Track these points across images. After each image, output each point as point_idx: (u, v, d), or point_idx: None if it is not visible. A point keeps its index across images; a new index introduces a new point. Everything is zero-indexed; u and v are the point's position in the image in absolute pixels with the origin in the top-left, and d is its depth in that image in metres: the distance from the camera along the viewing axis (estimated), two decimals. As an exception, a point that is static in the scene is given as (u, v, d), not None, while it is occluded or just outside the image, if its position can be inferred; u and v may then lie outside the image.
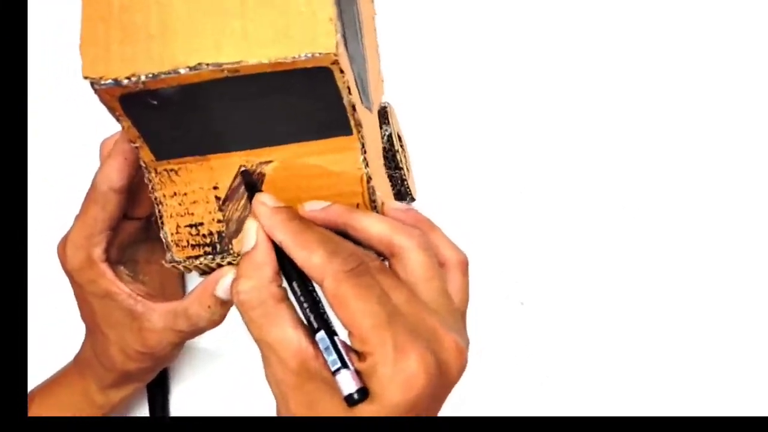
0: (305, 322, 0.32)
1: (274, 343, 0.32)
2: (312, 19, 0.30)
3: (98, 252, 0.40)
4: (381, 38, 0.44)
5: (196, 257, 0.37)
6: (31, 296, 0.49)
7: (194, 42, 0.30)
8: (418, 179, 0.49)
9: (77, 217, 0.40)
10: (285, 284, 0.33)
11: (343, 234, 0.34)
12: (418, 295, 0.32)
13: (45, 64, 0.54)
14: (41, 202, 0.53)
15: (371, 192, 0.35)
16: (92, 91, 0.31)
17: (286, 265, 0.33)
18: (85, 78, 0.30)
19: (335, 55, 0.29)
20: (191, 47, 0.30)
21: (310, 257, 0.31)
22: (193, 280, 0.40)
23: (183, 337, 0.40)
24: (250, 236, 0.33)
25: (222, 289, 0.37)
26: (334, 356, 0.30)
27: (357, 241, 0.34)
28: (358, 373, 0.30)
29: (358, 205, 0.35)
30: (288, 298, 0.33)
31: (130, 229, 0.41)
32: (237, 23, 0.30)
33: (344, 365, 0.30)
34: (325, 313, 0.32)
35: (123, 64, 0.30)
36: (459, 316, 0.34)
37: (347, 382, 0.30)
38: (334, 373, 0.30)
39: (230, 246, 0.36)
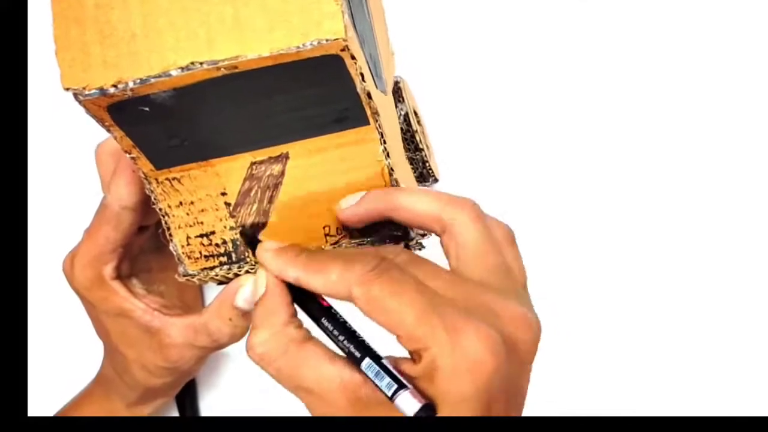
0: (343, 353, 0.29)
1: (313, 386, 0.29)
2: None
3: (109, 270, 0.37)
4: (386, 2, 0.40)
5: (211, 268, 0.34)
6: (31, 296, 0.48)
7: (183, 38, 0.27)
8: (438, 156, 0.45)
9: (86, 234, 0.37)
10: (308, 324, 0.31)
11: (386, 223, 0.31)
12: (470, 273, 0.29)
13: (46, 64, 0.51)
14: (41, 202, 0.51)
15: (395, 185, 0.31)
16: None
17: (309, 305, 0.30)
18: (67, 89, 0.27)
19: (344, 40, 0.26)
20: (181, 45, 0.26)
21: (328, 278, 0.28)
22: (213, 286, 0.38)
23: (205, 352, 0.38)
24: (260, 286, 0.31)
25: (242, 299, 0.35)
26: (388, 379, 0.27)
27: (400, 227, 0.31)
28: (418, 388, 0.27)
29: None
30: (312, 337, 0.30)
31: (140, 240, 0.39)
32: (228, 10, 0.26)
33: (401, 386, 0.27)
34: (364, 340, 0.29)
35: (106, 70, 0.27)
36: (521, 289, 0.30)
37: (408, 403, 0.26)
38: (392, 397, 0.27)
39: (246, 254, 0.33)
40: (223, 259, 0.33)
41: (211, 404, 0.49)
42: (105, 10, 0.27)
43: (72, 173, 0.49)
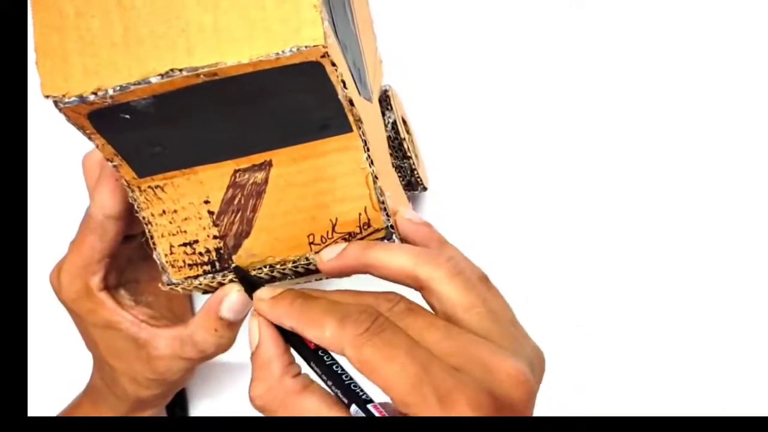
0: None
1: None
2: (293, 6, 0.26)
3: (96, 281, 0.37)
4: (375, 11, 0.40)
5: (195, 277, 0.33)
6: (31, 297, 0.47)
7: (163, 46, 0.26)
8: (428, 165, 0.45)
9: (72, 245, 0.37)
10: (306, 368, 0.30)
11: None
12: (459, 326, 0.28)
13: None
14: (42, 203, 0.51)
15: (379, 193, 0.31)
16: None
17: (299, 348, 0.30)
18: (47, 97, 0.27)
19: (324, 47, 0.26)
20: (160, 52, 0.26)
21: (322, 333, 0.28)
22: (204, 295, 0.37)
23: (193, 363, 0.38)
24: (253, 336, 0.31)
25: (227, 309, 0.34)
26: None
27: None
28: None
29: (366, 209, 0.31)
30: (311, 383, 0.30)
31: (127, 250, 0.38)
32: (208, 18, 0.26)
33: None
34: (352, 382, 0.29)
35: (86, 77, 0.27)
36: (511, 328, 0.30)
37: None
38: None
39: (231, 262, 0.33)
40: (207, 267, 0.33)
41: (202, 414, 0.49)
42: (86, 18, 0.27)
43: (73, 176, 0.49)
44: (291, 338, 0.30)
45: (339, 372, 0.29)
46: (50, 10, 0.27)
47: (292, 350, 0.31)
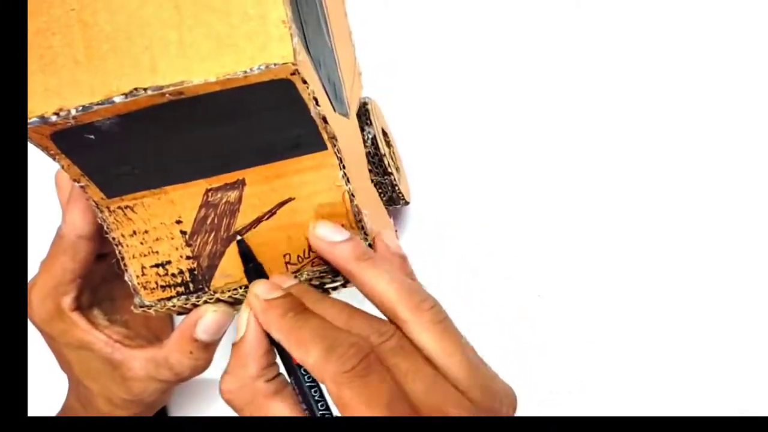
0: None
1: None
2: (261, 22, 0.25)
3: (68, 301, 0.36)
4: (353, 21, 0.39)
5: (168, 299, 0.32)
6: None
7: (127, 64, 0.25)
8: (410, 178, 0.44)
9: (43, 266, 0.36)
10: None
11: None
12: (440, 370, 0.28)
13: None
14: (42, 203, 0.49)
15: (356, 212, 0.30)
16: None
17: (283, 357, 0.29)
18: None
19: (294, 64, 0.25)
20: (124, 70, 0.25)
21: (306, 357, 0.27)
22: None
23: (169, 385, 0.37)
24: (240, 326, 0.30)
25: (202, 330, 0.33)
26: None
27: None
28: None
29: (342, 227, 0.30)
30: (282, 389, 0.29)
31: (101, 268, 0.37)
32: (173, 34, 0.25)
33: None
34: (327, 413, 0.28)
35: (47, 97, 0.26)
36: (485, 376, 0.29)
37: None
38: None
39: (205, 284, 0.32)
40: (180, 289, 0.32)
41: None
42: (45, 36, 0.26)
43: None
44: (279, 345, 0.29)
45: (316, 398, 0.28)
46: None
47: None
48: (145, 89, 0.25)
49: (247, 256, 0.31)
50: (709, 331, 0.44)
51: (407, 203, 0.40)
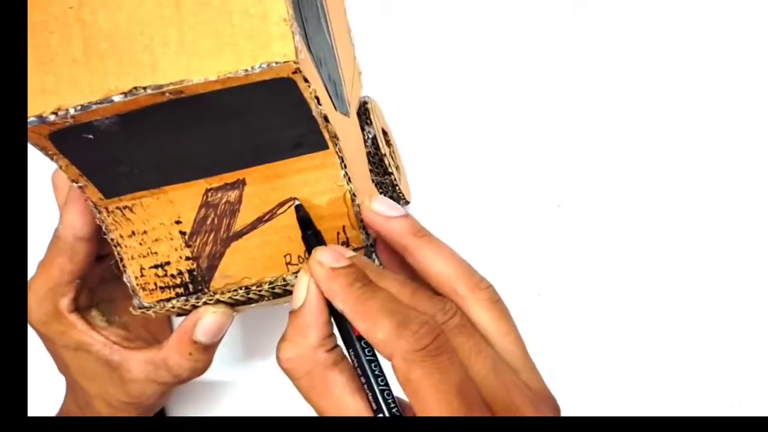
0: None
1: (330, 413, 0.27)
2: (262, 20, 0.25)
3: (66, 303, 0.36)
4: (353, 20, 0.39)
5: (167, 300, 0.32)
6: None
7: (126, 63, 0.25)
8: (410, 177, 0.44)
9: (40, 267, 0.36)
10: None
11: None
12: (495, 347, 0.27)
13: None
14: (42, 203, 0.49)
15: (357, 212, 0.30)
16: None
17: (343, 327, 0.28)
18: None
19: (295, 62, 0.24)
20: (123, 69, 0.25)
21: (374, 331, 0.26)
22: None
23: (168, 387, 0.36)
24: (299, 293, 0.28)
25: (202, 332, 0.33)
26: None
27: None
28: None
29: (344, 228, 0.30)
30: (342, 361, 0.28)
31: (99, 269, 0.37)
32: (173, 32, 0.25)
33: None
34: (386, 389, 0.27)
35: (45, 97, 0.25)
36: (530, 360, 0.29)
37: None
38: None
39: (204, 285, 0.32)
40: (180, 290, 0.32)
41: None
42: (43, 35, 0.26)
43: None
44: (338, 315, 0.28)
45: (376, 373, 0.27)
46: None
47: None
48: (144, 88, 0.25)
49: (305, 221, 0.30)
50: (709, 330, 0.44)
51: (407, 202, 0.40)
